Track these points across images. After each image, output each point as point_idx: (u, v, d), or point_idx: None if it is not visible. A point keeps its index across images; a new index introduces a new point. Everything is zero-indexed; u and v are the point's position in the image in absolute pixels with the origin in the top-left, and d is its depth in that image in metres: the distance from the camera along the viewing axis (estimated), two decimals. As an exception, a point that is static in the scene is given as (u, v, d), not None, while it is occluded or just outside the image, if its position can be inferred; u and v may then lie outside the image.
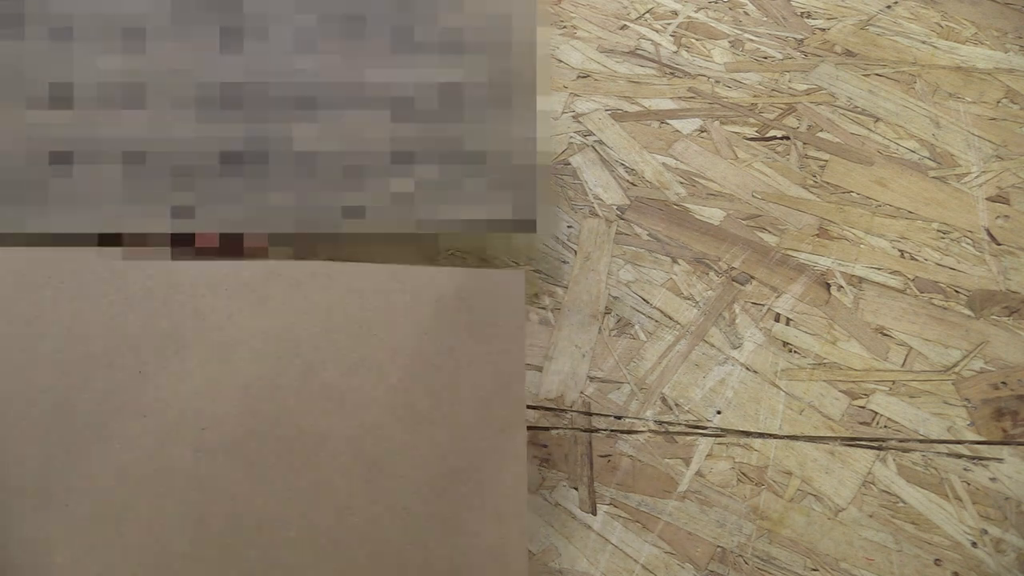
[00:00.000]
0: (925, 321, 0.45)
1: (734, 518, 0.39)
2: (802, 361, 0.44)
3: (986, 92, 0.55)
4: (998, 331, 0.44)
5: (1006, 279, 0.46)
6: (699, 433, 0.41)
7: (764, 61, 0.58)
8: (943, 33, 0.59)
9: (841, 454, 0.40)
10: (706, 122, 0.55)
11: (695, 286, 0.47)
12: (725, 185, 0.51)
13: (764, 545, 0.38)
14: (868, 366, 0.43)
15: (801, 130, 0.54)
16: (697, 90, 0.57)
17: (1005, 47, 0.58)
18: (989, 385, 0.42)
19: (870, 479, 0.39)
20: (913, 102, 0.55)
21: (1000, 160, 0.52)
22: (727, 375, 0.43)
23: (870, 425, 0.41)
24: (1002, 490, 0.39)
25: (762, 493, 0.39)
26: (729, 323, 0.45)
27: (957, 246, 0.48)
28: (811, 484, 0.39)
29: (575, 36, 0.61)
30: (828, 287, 0.46)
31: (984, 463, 0.40)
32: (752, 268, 0.47)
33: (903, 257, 0.47)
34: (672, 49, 0.60)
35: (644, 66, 0.59)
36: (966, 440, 0.40)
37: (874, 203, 0.50)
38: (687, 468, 0.40)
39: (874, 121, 0.54)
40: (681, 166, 0.52)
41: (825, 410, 0.42)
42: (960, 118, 0.54)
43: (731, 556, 0.38)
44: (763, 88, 0.57)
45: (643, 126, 0.55)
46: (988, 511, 0.38)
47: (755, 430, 0.41)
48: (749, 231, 0.49)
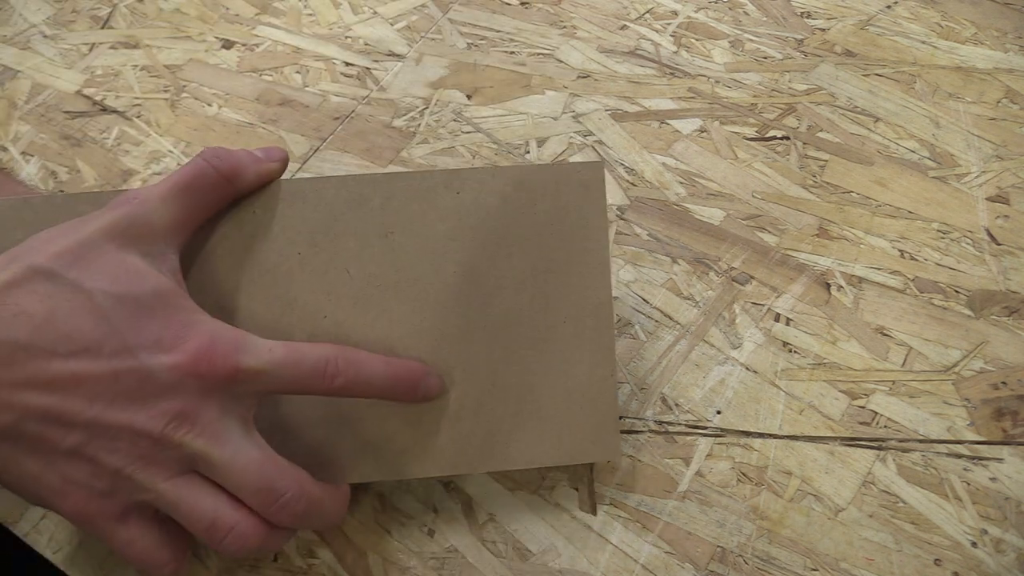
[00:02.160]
0: (925, 321, 0.45)
1: (734, 518, 0.39)
2: (802, 361, 0.44)
3: (986, 92, 0.55)
4: (998, 331, 0.44)
5: (1006, 279, 0.46)
6: (699, 433, 0.41)
7: (764, 61, 0.58)
8: (943, 33, 0.59)
9: (841, 454, 0.40)
10: (706, 122, 0.55)
11: (695, 286, 0.47)
12: (725, 185, 0.51)
13: (764, 545, 0.38)
14: (868, 366, 0.43)
15: (801, 130, 0.54)
16: (697, 90, 0.57)
17: (1005, 47, 0.58)
18: (989, 385, 0.42)
19: (870, 479, 0.39)
20: (913, 102, 0.55)
21: (1000, 160, 0.52)
22: (727, 375, 0.43)
23: (870, 425, 0.41)
24: (1002, 490, 0.39)
25: (762, 493, 0.39)
26: (729, 323, 0.45)
27: (957, 246, 0.48)
28: (811, 484, 0.40)
29: (575, 36, 0.61)
30: (828, 287, 0.46)
31: (984, 463, 0.40)
32: (752, 268, 0.47)
33: (903, 257, 0.47)
34: (672, 49, 0.60)
35: (644, 66, 0.59)
36: (966, 440, 0.40)
37: (874, 203, 0.50)
38: (687, 468, 0.40)
39: (874, 121, 0.54)
40: (681, 166, 0.52)
41: (825, 410, 0.42)
42: (960, 118, 0.54)
43: (731, 556, 0.38)
44: (763, 88, 0.57)
45: (643, 126, 0.55)
46: (988, 511, 0.38)
47: (755, 430, 0.41)
48: (749, 231, 0.49)
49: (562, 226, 0.36)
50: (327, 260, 0.35)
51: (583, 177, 0.36)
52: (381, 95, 0.58)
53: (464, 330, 0.35)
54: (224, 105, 0.58)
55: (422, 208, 0.35)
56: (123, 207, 0.31)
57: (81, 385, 0.27)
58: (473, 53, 0.61)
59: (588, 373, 0.36)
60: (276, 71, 0.60)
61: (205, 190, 0.33)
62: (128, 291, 0.29)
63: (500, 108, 0.57)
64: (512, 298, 0.36)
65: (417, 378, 0.34)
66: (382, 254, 0.35)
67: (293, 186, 0.35)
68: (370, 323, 0.35)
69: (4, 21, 0.66)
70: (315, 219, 0.35)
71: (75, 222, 0.30)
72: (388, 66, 0.60)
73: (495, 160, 0.53)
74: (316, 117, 0.57)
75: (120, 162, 0.55)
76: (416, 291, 0.35)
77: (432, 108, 0.57)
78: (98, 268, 0.29)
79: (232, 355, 0.29)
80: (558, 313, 0.36)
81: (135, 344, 0.28)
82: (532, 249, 0.36)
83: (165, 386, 0.28)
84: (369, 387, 0.32)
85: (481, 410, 0.35)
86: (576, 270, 0.36)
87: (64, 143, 0.57)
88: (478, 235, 0.35)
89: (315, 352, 0.31)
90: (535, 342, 0.36)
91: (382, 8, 0.65)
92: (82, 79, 0.61)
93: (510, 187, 0.36)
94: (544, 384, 0.36)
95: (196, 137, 0.56)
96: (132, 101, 0.59)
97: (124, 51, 0.63)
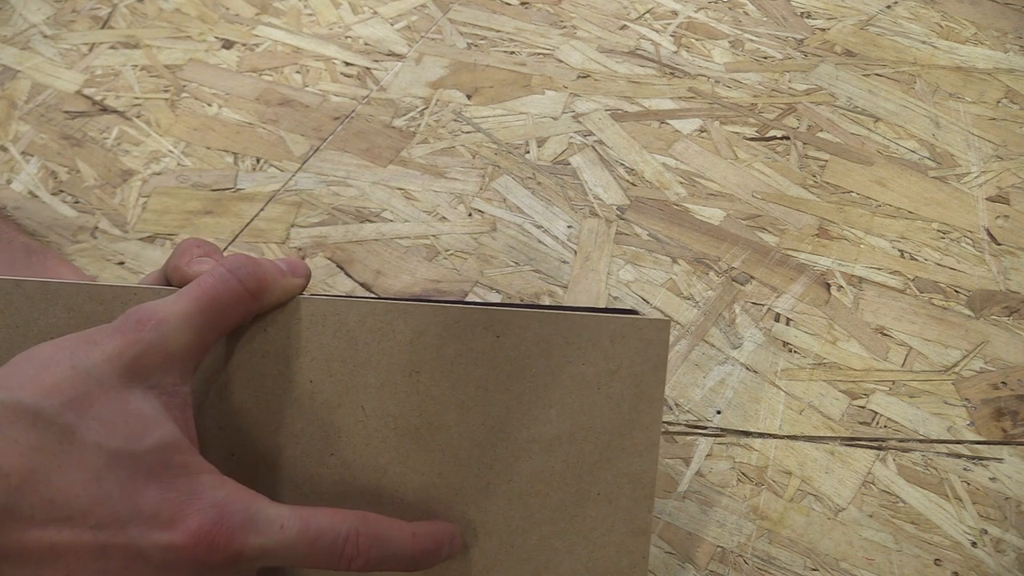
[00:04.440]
0: (925, 321, 0.45)
1: (734, 518, 0.39)
2: (802, 361, 0.44)
3: (986, 92, 0.55)
4: (998, 331, 0.44)
5: (1006, 279, 0.46)
6: (699, 433, 0.41)
7: (764, 61, 0.58)
8: (943, 33, 0.59)
9: (841, 454, 0.40)
10: (706, 122, 0.55)
11: (695, 286, 0.47)
12: (725, 185, 0.51)
13: (764, 545, 0.38)
14: (868, 366, 0.43)
15: (801, 130, 0.54)
16: (697, 90, 0.57)
17: (1005, 47, 0.58)
18: (989, 385, 0.42)
19: (870, 479, 0.39)
20: (913, 102, 0.55)
21: (1000, 160, 0.52)
22: (727, 375, 0.43)
23: (870, 425, 0.41)
24: (1002, 490, 0.39)
25: (762, 493, 0.39)
26: (729, 323, 0.45)
27: (957, 246, 0.48)
28: (811, 484, 0.40)
29: (575, 36, 0.61)
30: (828, 287, 0.46)
31: (984, 463, 0.40)
32: (752, 268, 0.47)
33: (903, 257, 0.47)
34: (672, 49, 0.60)
35: (644, 66, 0.59)
36: (966, 440, 0.40)
37: (874, 203, 0.50)
38: (687, 468, 0.40)
39: (874, 121, 0.54)
40: (681, 166, 0.52)
41: (825, 410, 0.42)
42: (960, 118, 0.54)
43: (731, 556, 0.38)
44: (763, 88, 0.57)
45: (643, 126, 0.55)
46: (988, 511, 0.38)
47: (755, 430, 0.41)
48: (749, 231, 0.49)
49: (611, 387, 0.32)
50: (341, 392, 0.32)
51: (645, 336, 0.32)
52: (381, 95, 0.58)
53: (485, 488, 0.32)
54: (224, 105, 0.58)
55: (456, 349, 0.32)
56: (135, 331, 0.27)
57: (60, 559, 0.24)
58: (473, 53, 0.61)
59: (617, 553, 0.32)
60: (276, 71, 0.60)
61: (229, 307, 0.29)
62: (127, 447, 0.25)
63: (500, 108, 0.57)
64: (542, 460, 0.32)
65: (441, 545, 0.30)
66: (405, 394, 0.32)
67: (313, 306, 0.32)
68: (382, 468, 0.32)
69: (4, 21, 0.66)
70: (334, 345, 0.32)
71: (77, 340, 0.26)
72: (388, 66, 0.60)
73: (495, 159, 0.53)
74: (316, 117, 0.57)
75: (120, 162, 0.55)
76: (438, 440, 0.32)
77: (432, 108, 0.57)
78: (96, 413, 0.25)
79: (238, 536, 0.25)
80: (592, 484, 0.32)
81: (127, 516, 0.24)
82: (573, 409, 0.32)
83: (156, 568, 0.25)
84: (390, 565, 0.29)
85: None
86: (619, 440, 0.32)
87: (64, 143, 0.57)
88: (514, 386, 0.32)
89: (334, 529, 0.27)
90: (562, 511, 0.32)
91: (382, 8, 0.65)
92: (82, 79, 0.61)
93: (557, 336, 0.32)
94: (566, 558, 0.32)
95: (196, 137, 0.56)
96: (132, 101, 0.59)
97: (124, 51, 0.63)
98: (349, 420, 0.32)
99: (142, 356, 0.27)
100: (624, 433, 0.32)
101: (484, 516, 0.32)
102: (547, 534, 0.33)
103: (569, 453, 0.32)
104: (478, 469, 0.32)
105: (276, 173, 0.54)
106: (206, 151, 0.56)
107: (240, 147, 0.56)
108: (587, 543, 0.33)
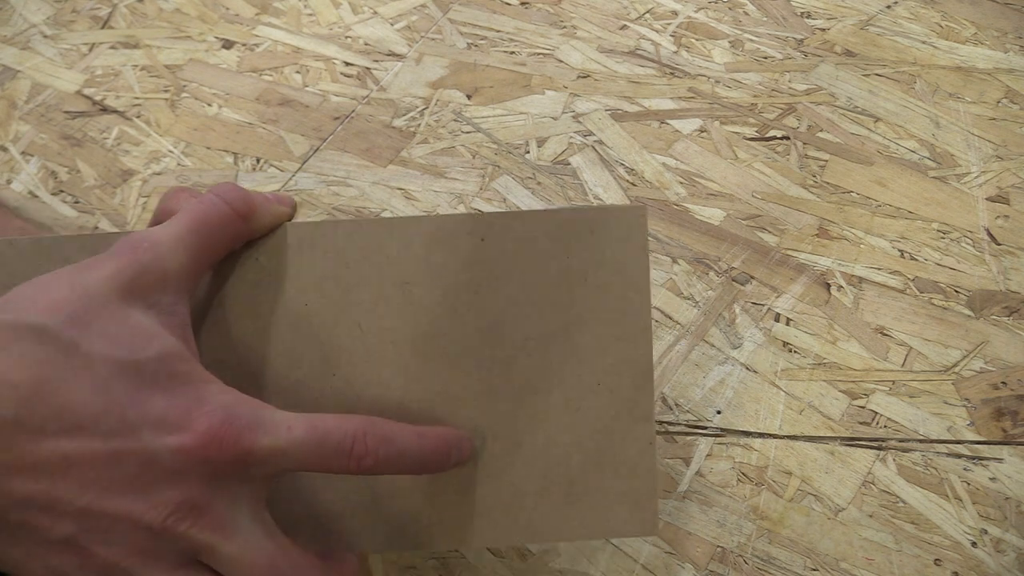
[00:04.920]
0: (925, 321, 0.45)
1: (734, 518, 0.39)
2: (802, 361, 0.44)
3: (986, 92, 0.55)
4: (998, 331, 0.44)
5: (1006, 279, 0.46)
6: (699, 433, 0.41)
7: (764, 61, 0.58)
8: (943, 33, 0.59)
9: (841, 454, 0.40)
10: (706, 122, 0.55)
11: (695, 286, 0.47)
12: (725, 185, 0.51)
13: (764, 545, 0.38)
14: (868, 366, 0.43)
15: (801, 130, 0.54)
16: (697, 90, 0.57)
17: (1005, 47, 0.58)
18: (989, 385, 0.42)
19: (870, 479, 0.39)
20: (913, 102, 0.55)
21: (1000, 160, 0.52)
22: (727, 375, 0.43)
23: (870, 425, 0.41)
24: (1002, 490, 0.39)
25: (762, 493, 0.39)
26: (729, 323, 0.45)
27: (957, 246, 0.48)
28: (811, 484, 0.40)
29: (575, 36, 0.61)
30: (828, 287, 0.46)
31: (984, 463, 0.40)
32: (752, 268, 0.47)
33: (903, 257, 0.47)
34: (672, 49, 0.60)
35: (644, 66, 0.59)
36: (966, 440, 0.41)
37: (874, 203, 0.50)
38: (687, 468, 0.40)
39: (874, 121, 0.54)
40: (681, 166, 0.52)
41: (825, 410, 0.42)
42: (960, 118, 0.54)
43: (731, 556, 0.38)
44: (763, 88, 0.57)
45: (643, 126, 0.55)
46: (988, 511, 0.38)
47: (755, 430, 0.41)
48: (749, 231, 0.49)
49: (597, 278, 0.32)
50: (337, 312, 0.32)
51: (623, 222, 0.32)
52: (381, 95, 0.58)
53: (487, 391, 0.33)
54: (224, 105, 0.58)
55: (443, 257, 0.32)
56: (131, 253, 0.28)
57: (73, 468, 0.24)
58: (473, 53, 0.61)
59: (624, 442, 0.33)
60: (276, 71, 0.60)
61: (220, 229, 0.30)
62: (131, 357, 0.25)
63: (500, 108, 0.57)
64: (540, 357, 0.33)
65: (449, 448, 0.31)
66: (398, 307, 0.32)
67: (300, 230, 0.32)
68: (384, 382, 0.32)
69: (4, 21, 0.66)
70: (324, 267, 0.32)
71: (74, 268, 0.27)
72: (388, 66, 0.60)
73: (495, 159, 0.53)
74: (316, 117, 0.57)
75: (120, 162, 0.55)
76: (435, 347, 0.32)
77: (432, 108, 0.57)
78: (99, 327, 0.25)
79: (246, 435, 0.26)
80: (591, 375, 0.33)
81: (137, 422, 0.25)
82: (563, 303, 0.32)
83: (169, 471, 0.25)
84: (399, 466, 0.29)
85: (504, 479, 0.33)
86: (613, 328, 0.33)
87: (64, 143, 0.57)
88: (504, 286, 0.32)
89: (341, 428, 0.27)
90: (565, 406, 0.33)
91: (382, 8, 0.65)
92: (82, 79, 0.61)
93: (540, 233, 0.32)
94: (574, 452, 0.33)
95: (196, 137, 0.56)
96: (132, 101, 0.59)
97: (124, 51, 0.63)
98: (347, 339, 0.32)
99: (139, 276, 0.27)
100: (616, 321, 0.33)
101: (489, 419, 0.33)
102: (553, 431, 0.33)
103: (565, 347, 0.33)
104: (478, 373, 0.33)
105: (276, 173, 0.54)
106: (206, 151, 0.56)
107: (240, 147, 0.56)
108: (593, 435, 0.33)
